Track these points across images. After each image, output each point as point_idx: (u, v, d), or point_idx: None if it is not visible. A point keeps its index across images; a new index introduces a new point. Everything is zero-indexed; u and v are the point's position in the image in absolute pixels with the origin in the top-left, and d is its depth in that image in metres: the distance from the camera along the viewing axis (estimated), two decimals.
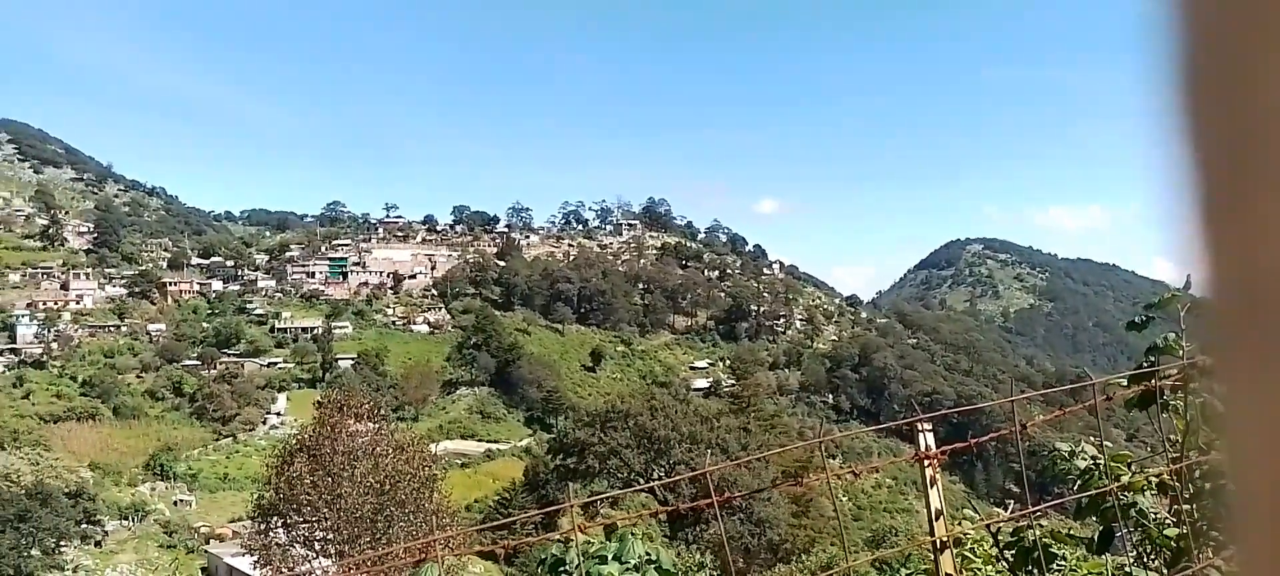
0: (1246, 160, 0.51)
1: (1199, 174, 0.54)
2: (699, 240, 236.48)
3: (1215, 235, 0.53)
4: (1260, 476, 0.53)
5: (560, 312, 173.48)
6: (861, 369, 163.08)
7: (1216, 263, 0.54)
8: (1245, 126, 0.51)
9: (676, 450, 53.92)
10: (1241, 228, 0.52)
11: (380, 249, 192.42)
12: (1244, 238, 0.52)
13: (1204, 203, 0.54)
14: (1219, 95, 0.52)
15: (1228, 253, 0.53)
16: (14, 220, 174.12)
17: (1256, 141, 0.50)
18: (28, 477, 51.25)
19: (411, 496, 27.35)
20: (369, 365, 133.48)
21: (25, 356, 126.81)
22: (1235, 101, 0.51)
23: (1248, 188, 0.51)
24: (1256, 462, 0.53)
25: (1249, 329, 0.53)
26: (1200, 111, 0.53)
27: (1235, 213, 0.52)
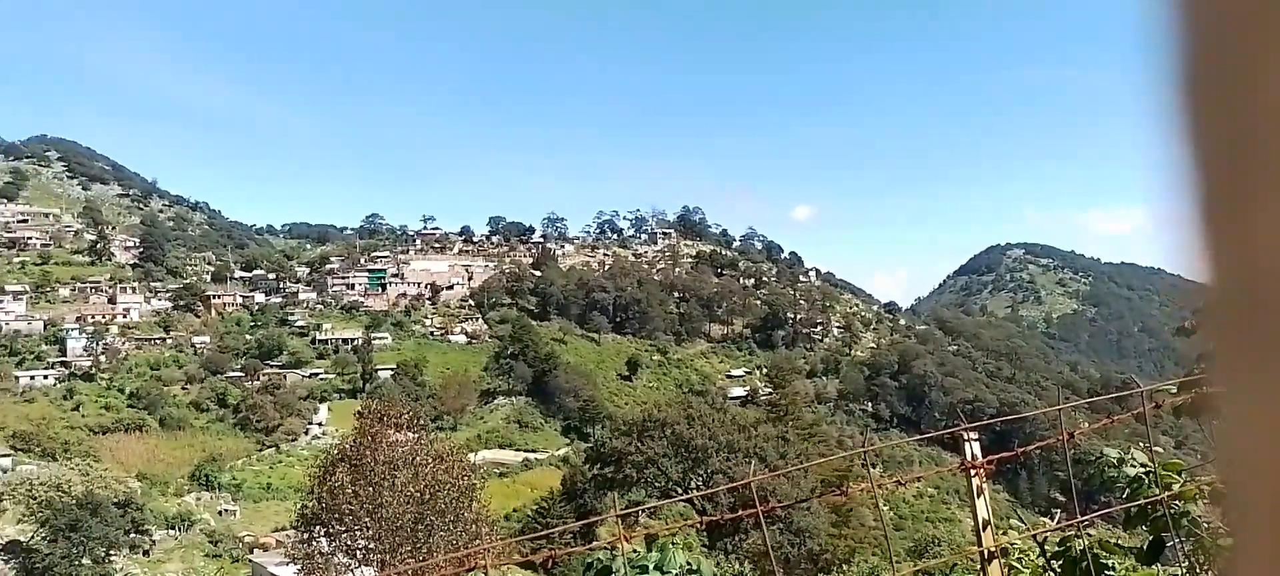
0: (1246, 160, 0.51)
1: (1199, 174, 0.53)
2: (734, 248, 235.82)
3: (1215, 235, 0.53)
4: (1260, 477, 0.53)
5: (596, 322, 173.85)
6: (901, 376, 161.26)
7: (1216, 262, 0.54)
8: (1245, 126, 0.51)
9: (714, 459, 53.69)
10: (1241, 228, 0.52)
11: (418, 260, 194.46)
12: (1244, 238, 0.52)
13: (1204, 202, 0.53)
14: (1219, 95, 0.52)
15: (1228, 252, 0.53)
16: (63, 236, 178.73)
17: (1256, 141, 0.50)
18: (78, 488, 52.30)
19: (451, 505, 27.54)
20: (408, 375, 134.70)
21: (75, 369, 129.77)
22: (1235, 101, 0.51)
23: (1248, 188, 0.51)
24: (1256, 463, 0.53)
25: (1249, 329, 0.53)
26: (1200, 111, 0.53)
27: (1235, 212, 0.52)
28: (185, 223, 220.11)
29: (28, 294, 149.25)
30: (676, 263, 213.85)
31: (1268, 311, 0.51)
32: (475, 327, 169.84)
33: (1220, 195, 0.53)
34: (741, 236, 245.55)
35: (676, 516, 56.40)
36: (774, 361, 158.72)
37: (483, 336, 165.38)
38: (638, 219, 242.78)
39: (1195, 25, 0.53)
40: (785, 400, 70.86)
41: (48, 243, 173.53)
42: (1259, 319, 0.52)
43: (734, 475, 51.26)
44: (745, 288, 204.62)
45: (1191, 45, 0.53)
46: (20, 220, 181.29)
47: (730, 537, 47.59)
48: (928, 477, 69.13)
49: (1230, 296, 0.53)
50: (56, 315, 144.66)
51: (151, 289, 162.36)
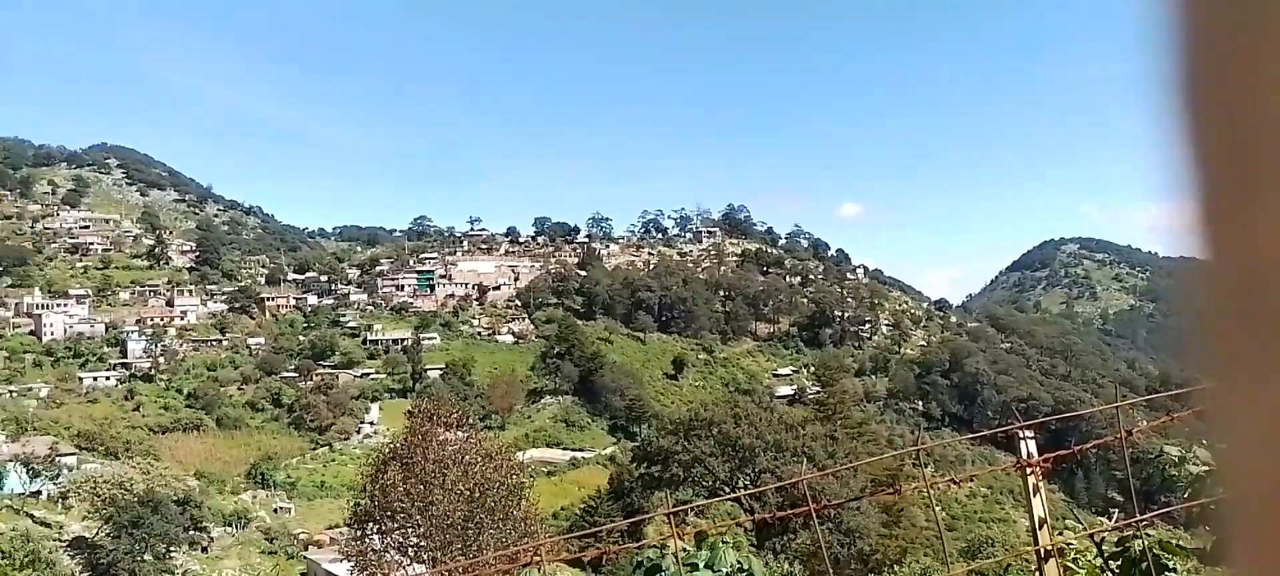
0: (1246, 160, 0.51)
1: (1199, 174, 0.54)
2: (780, 246, 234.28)
3: (1215, 235, 0.54)
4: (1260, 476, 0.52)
5: (641, 321, 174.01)
6: (952, 374, 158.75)
7: (1217, 262, 0.54)
8: (1245, 126, 0.51)
9: (762, 458, 53.40)
10: (1242, 227, 0.52)
11: (465, 261, 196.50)
12: (1244, 237, 0.52)
13: (1204, 202, 0.54)
14: (1219, 95, 0.52)
15: (1228, 252, 0.53)
16: (123, 241, 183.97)
17: (1256, 141, 0.50)
18: (139, 486, 53.67)
19: (500, 504, 27.78)
20: (457, 375, 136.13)
21: (135, 370, 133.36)
22: (1235, 101, 0.51)
23: (1248, 187, 0.51)
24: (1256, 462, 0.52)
25: (1249, 329, 0.53)
26: (1200, 111, 0.53)
27: (1235, 212, 0.52)
28: (240, 227, 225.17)
29: (90, 297, 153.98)
30: (722, 261, 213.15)
31: (1268, 311, 0.51)
32: (522, 327, 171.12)
33: (1220, 195, 0.53)
34: (787, 234, 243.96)
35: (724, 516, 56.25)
36: (821, 360, 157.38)
37: (529, 336, 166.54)
38: (682, 218, 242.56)
39: (1195, 25, 0.53)
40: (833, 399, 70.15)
41: (108, 247, 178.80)
42: (1259, 319, 0.52)
43: (782, 474, 50.93)
44: (791, 286, 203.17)
45: (1191, 45, 0.53)
46: (82, 226, 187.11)
47: (779, 537, 47.32)
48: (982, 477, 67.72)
49: (1230, 296, 0.53)
50: (117, 318, 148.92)
51: (208, 292, 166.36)
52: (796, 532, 48.12)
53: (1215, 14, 0.52)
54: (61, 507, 59.60)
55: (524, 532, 27.80)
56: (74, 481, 61.85)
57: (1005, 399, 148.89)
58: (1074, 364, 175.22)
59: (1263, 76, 0.50)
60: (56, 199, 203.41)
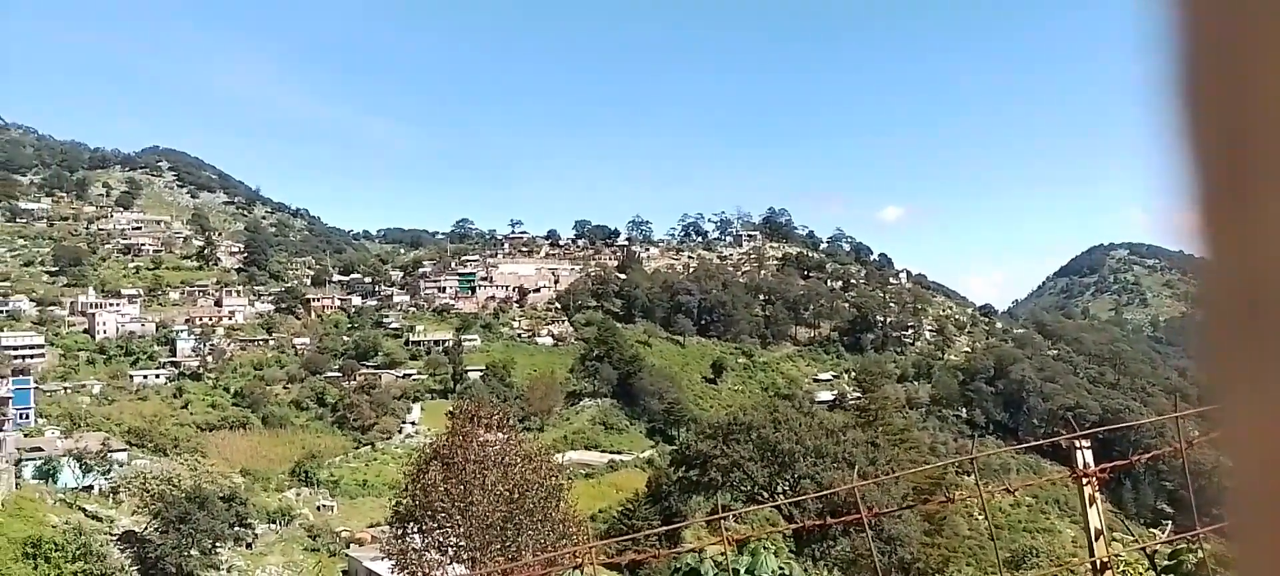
0: (1246, 160, 0.51)
1: (1199, 174, 0.54)
2: (821, 250, 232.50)
3: (1215, 235, 0.53)
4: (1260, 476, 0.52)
5: (681, 324, 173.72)
6: (997, 382, 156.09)
7: (1216, 262, 0.54)
8: (1245, 126, 0.51)
9: (801, 464, 52.94)
10: (1241, 228, 0.52)
11: (506, 263, 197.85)
12: (1244, 238, 0.52)
13: (1204, 203, 0.53)
14: (1219, 95, 0.52)
15: (1228, 252, 0.53)
16: (174, 242, 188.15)
17: (1256, 141, 0.50)
18: (187, 482, 54.83)
19: (539, 505, 27.86)
20: (497, 376, 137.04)
21: (184, 369, 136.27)
22: (1235, 101, 0.51)
23: (1248, 188, 0.51)
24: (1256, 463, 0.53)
25: (1249, 329, 0.53)
26: (1200, 111, 0.53)
27: (1235, 213, 0.52)
28: (286, 229, 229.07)
29: (141, 297, 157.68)
30: (762, 265, 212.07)
31: (1268, 311, 0.51)
32: (561, 330, 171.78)
33: (1220, 195, 0.53)
34: (828, 238, 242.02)
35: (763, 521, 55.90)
36: (863, 365, 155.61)
37: (568, 338, 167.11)
38: (722, 221, 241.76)
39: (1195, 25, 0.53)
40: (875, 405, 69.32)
41: (160, 248, 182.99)
42: (1259, 319, 0.52)
43: (822, 480, 50.47)
44: (833, 290, 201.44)
45: (1191, 45, 0.53)
46: (135, 227, 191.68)
47: (818, 543, 46.89)
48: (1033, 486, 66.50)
49: (1230, 296, 0.53)
50: (167, 317, 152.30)
51: (255, 292, 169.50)
52: (836, 539, 47.66)
53: (1215, 14, 0.52)
54: (112, 502, 60.98)
55: (562, 534, 27.84)
56: (124, 477, 63.34)
57: (1052, 407, 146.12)
58: (1123, 372, 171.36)
59: (1262, 76, 0.50)
60: (111, 200, 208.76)
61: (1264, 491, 0.52)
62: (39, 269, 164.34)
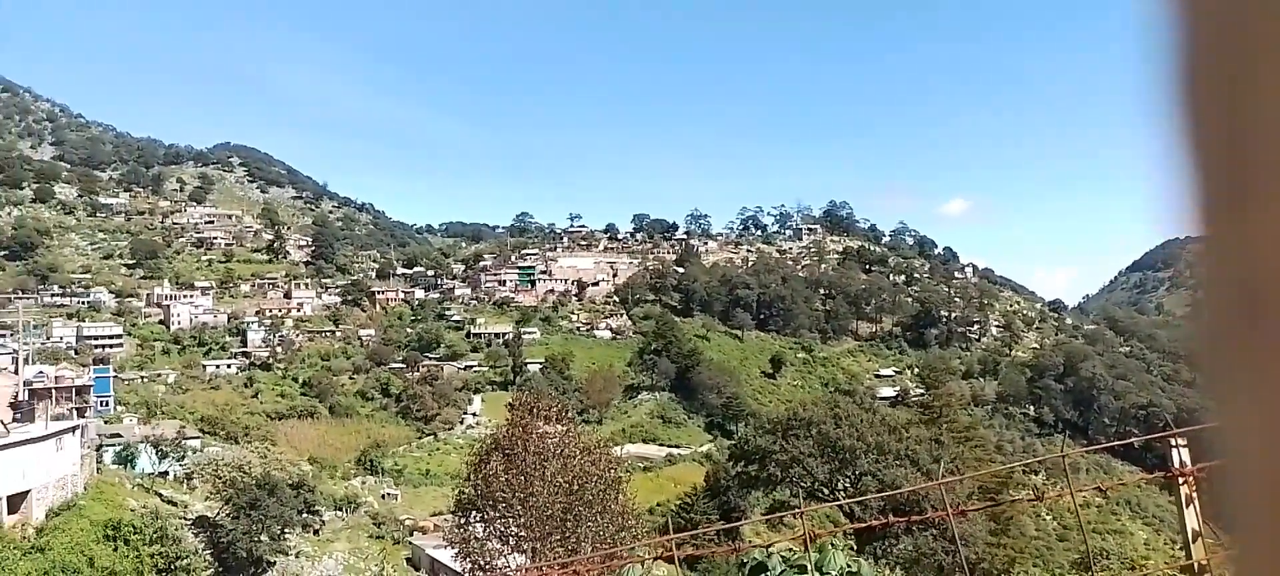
0: (1246, 160, 0.51)
1: (1199, 174, 0.54)
2: (883, 243, 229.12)
3: (1215, 235, 0.54)
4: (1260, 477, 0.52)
5: (739, 319, 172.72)
6: (1067, 379, 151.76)
7: (1216, 263, 0.54)
8: (1245, 126, 0.51)
9: (862, 460, 52.05)
10: (1241, 228, 0.52)
11: (565, 257, 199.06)
12: (1244, 238, 0.52)
13: (1204, 203, 0.54)
14: (1219, 95, 0.52)
15: (1227, 253, 0.53)
16: (244, 235, 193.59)
17: (1256, 141, 0.50)
18: (257, 469, 56.07)
19: (598, 497, 27.86)
20: (555, 369, 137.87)
21: (255, 359, 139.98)
22: (1235, 101, 0.51)
23: (1248, 188, 0.51)
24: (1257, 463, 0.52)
25: (1249, 330, 0.53)
26: (1200, 111, 0.53)
27: (1235, 213, 0.52)
28: (353, 223, 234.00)
29: (214, 289, 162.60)
30: (822, 259, 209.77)
31: (1268, 311, 0.51)
32: (620, 323, 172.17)
33: (1220, 196, 0.53)
34: (891, 232, 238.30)
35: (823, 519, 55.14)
36: (926, 361, 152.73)
37: (627, 332, 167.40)
38: (782, 215, 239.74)
39: (1195, 25, 0.53)
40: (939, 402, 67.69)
41: (231, 242, 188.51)
42: (1259, 319, 0.52)
43: (884, 478, 49.58)
44: (895, 284, 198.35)
45: (1191, 45, 0.53)
46: (207, 221, 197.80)
47: (880, 542, 46.11)
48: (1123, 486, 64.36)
49: (1230, 297, 0.53)
50: (238, 309, 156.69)
51: (322, 285, 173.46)
52: (898, 538, 46.77)
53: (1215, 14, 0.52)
54: (186, 488, 62.89)
55: (621, 527, 27.81)
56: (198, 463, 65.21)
57: (1124, 405, 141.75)
58: None
59: (1263, 76, 0.49)
60: (185, 196, 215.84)
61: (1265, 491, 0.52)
62: (117, 261, 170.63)
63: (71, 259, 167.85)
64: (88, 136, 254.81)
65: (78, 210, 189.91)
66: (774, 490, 59.96)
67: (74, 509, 47.11)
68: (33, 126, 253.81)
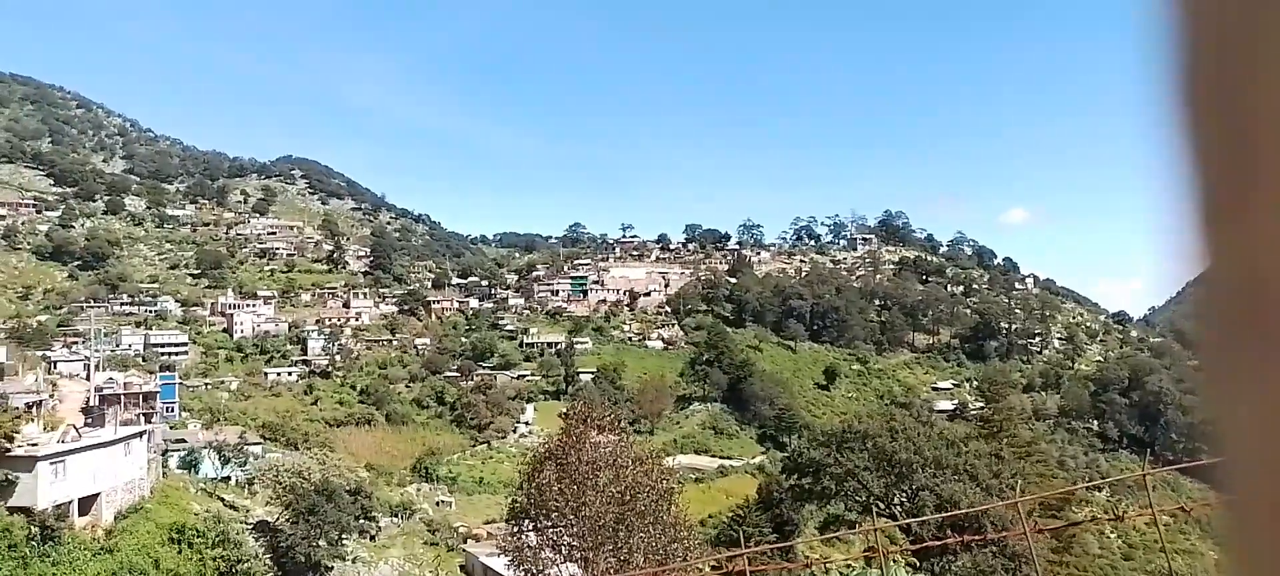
0: (1246, 160, 0.51)
1: (1199, 175, 0.54)
2: (940, 254, 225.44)
3: (1215, 236, 0.54)
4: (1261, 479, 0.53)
5: (792, 330, 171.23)
6: (1132, 393, 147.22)
7: (1216, 264, 0.54)
8: (1245, 126, 0.51)
9: (919, 475, 51.03)
10: (1241, 229, 0.52)
11: (617, 267, 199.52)
12: (1244, 239, 0.52)
13: (1204, 204, 0.54)
14: (1219, 95, 0.52)
15: (1228, 254, 0.53)
16: (306, 246, 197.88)
17: (1257, 141, 0.51)
18: (316, 475, 56.90)
19: (650, 508, 27.68)
20: (608, 379, 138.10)
21: (314, 367, 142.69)
22: (1235, 101, 0.51)
23: (1248, 187, 0.51)
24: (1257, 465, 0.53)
25: (1249, 331, 0.53)
26: (1200, 111, 0.53)
27: (1235, 214, 0.52)
28: (409, 234, 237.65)
29: (275, 298, 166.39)
30: (878, 269, 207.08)
31: (1268, 311, 0.51)
32: (671, 334, 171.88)
33: (1220, 196, 0.53)
34: (949, 241, 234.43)
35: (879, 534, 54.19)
36: (986, 374, 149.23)
37: (679, 342, 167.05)
38: (836, 225, 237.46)
39: (1195, 25, 0.53)
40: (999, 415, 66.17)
41: (292, 252, 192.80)
42: (1259, 319, 0.52)
43: (941, 492, 48.55)
44: (953, 295, 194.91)
45: (1191, 45, 0.53)
46: (270, 232, 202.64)
47: (937, 558, 45.12)
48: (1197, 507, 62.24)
49: (1230, 298, 0.54)
50: (299, 318, 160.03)
51: (380, 294, 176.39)
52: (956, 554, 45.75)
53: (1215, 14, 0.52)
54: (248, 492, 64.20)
55: (673, 538, 27.58)
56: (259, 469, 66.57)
57: (1192, 420, 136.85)
58: None
59: (1263, 76, 0.50)
60: (248, 207, 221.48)
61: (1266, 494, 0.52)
62: (184, 271, 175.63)
63: (140, 268, 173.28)
64: (156, 150, 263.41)
65: (146, 221, 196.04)
66: (828, 504, 59.12)
67: (141, 511, 48.46)
68: (105, 141, 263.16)
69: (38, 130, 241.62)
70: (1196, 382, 0.55)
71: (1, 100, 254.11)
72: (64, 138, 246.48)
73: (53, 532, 41.80)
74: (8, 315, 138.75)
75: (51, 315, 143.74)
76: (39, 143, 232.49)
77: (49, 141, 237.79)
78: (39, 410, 51.25)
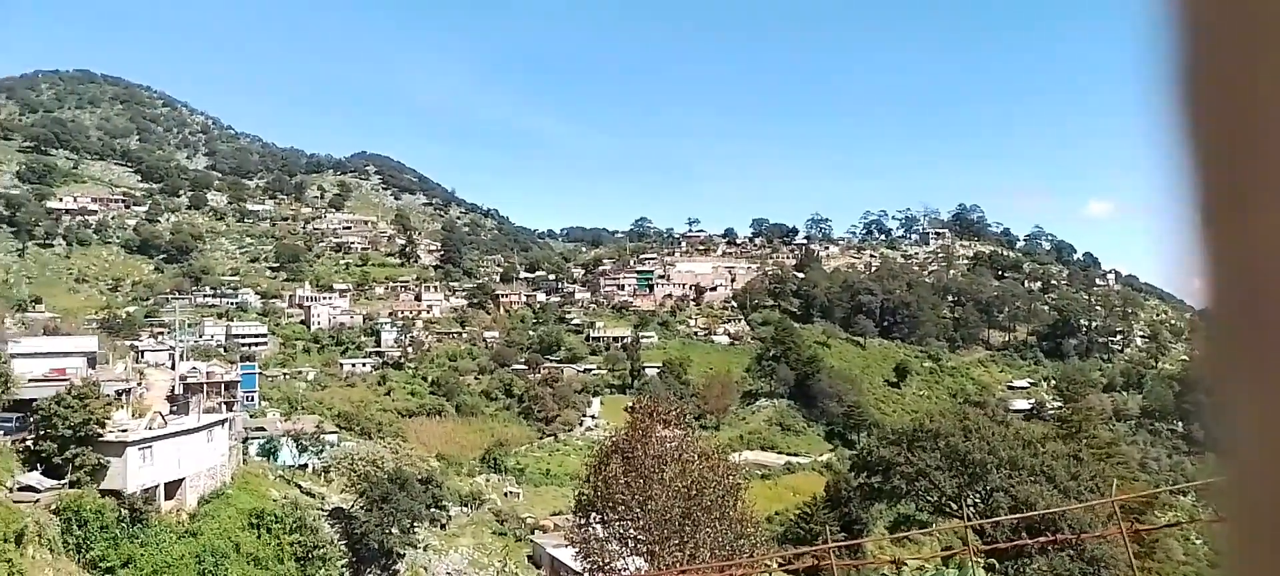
0: (1246, 160, 0.51)
1: (1199, 176, 0.54)
2: (1017, 248, 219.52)
3: (1215, 238, 0.54)
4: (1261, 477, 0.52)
5: (861, 325, 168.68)
6: None
7: (1217, 266, 0.54)
8: (1245, 126, 0.51)
9: (994, 475, 49.73)
10: (1242, 230, 0.52)
11: (683, 262, 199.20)
12: (1244, 241, 0.52)
13: (1204, 205, 0.54)
14: (1219, 95, 0.52)
15: (1228, 256, 0.53)
16: (379, 240, 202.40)
17: (1256, 141, 0.51)
18: (389, 464, 58.06)
19: (716, 503, 27.53)
20: (673, 374, 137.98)
21: (387, 358, 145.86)
22: (1235, 101, 0.51)
23: (1248, 188, 0.51)
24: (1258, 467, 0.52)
25: (1250, 333, 0.53)
26: (1200, 111, 0.53)
27: (1235, 215, 0.52)
28: (479, 228, 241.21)
29: (350, 291, 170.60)
30: (951, 264, 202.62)
31: (1268, 312, 0.51)
32: (737, 329, 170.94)
33: (1220, 198, 0.53)
34: (1026, 236, 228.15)
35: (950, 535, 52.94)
36: (1064, 372, 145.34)
37: (745, 337, 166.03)
38: (908, 218, 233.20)
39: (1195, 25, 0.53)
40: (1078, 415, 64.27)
41: (366, 246, 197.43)
42: (1259, 320, 0.52)
43: (1016, 494, 47.24)
44: (1031, 291, 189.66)
45: (1191, 45, 0.53)
46: (345, 227, 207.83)
47: (1012, 561, 43.91)
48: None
49: (1231, 300, 0.53)
50: (373, 310, 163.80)
51: (450, 288, 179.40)
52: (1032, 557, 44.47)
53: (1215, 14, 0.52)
54: (324, 480, 65.86)
55: (739, 534, 27.38)
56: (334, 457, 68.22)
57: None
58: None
59: (1263, 76, 0.50)
60: (324, 202, 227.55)
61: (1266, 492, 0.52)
62: (263, 264, 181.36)
63: (222, 262, 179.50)
64: (237, 147, 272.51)
65: (228, 216, 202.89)
66: (898, 503, 58.11)
67: (222, 497, 50.16)
68: (189, 138, 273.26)
69: (127, 128, 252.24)
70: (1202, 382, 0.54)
71: (94, 100, 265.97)
72: (151, 135, 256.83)
73: (141, 515, 43.54)
74: (99, 306, 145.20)
75: (139, 306, 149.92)
76: (128, 140, 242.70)
77: (137, 139, 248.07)
78: (128, 398, 53.40)
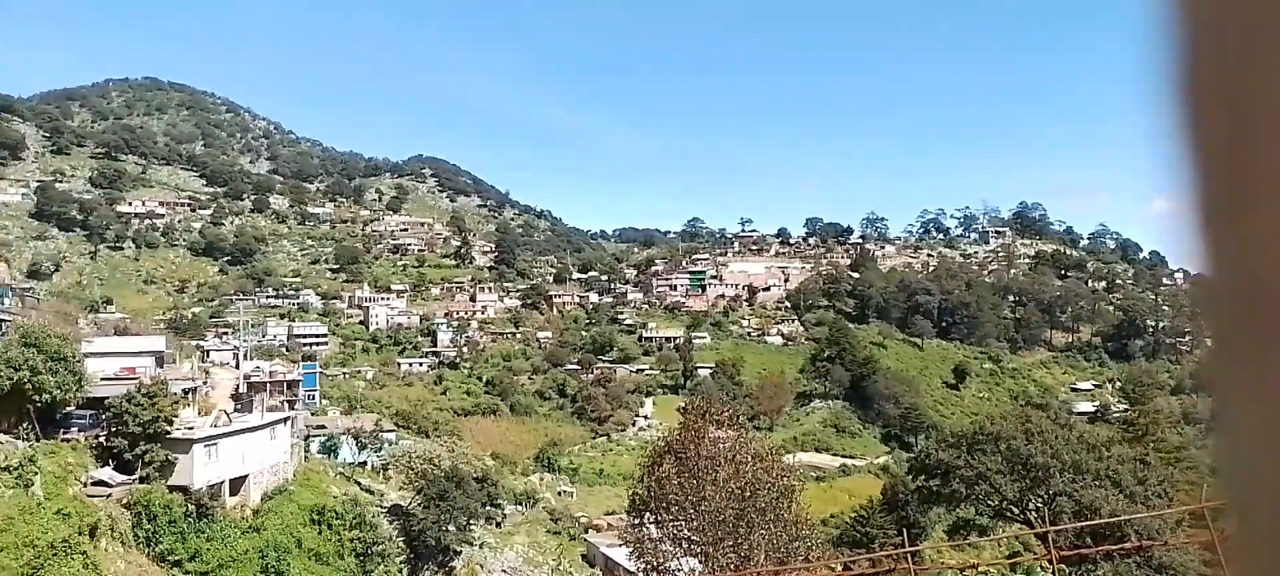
0: (1246, 160, 0.51)
1: (1199, 175, 0.54)
2: (1081, 247, 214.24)
3: (1216, 237, 0.54)
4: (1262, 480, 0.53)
5: (918, 326, 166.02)
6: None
7: (1217, 265, 0.54)
8: (1245, 126, 0.51)
9: (1057, 480, 48.41)
10: (1242, 230, 0.52)
11: (736, 262, 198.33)
12: (1245, 240, 0.52)
13: (1204, 204, 0.54)
14: (1219, 95, 0.52)
15: (1228, 255, 0.53)
16: (435, 242, 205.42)
17: (1256, 141, 0.51)
18: (446, 462, 58.84)
19: (771, 504, 27.30)
20: (726, 374, 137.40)
21: (443, 358, 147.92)
22: (1235, 101, 0.51)
23: (1248, 187, 0.52)
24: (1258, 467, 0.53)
25: (1250, 332, 0.53)
26: (1200, 111, 0.53)
27: (1236, 214, 0.53)
28: (532, 229, 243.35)
29: (407, 292, 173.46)
30: (1012, 264, 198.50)
31: (1268, 311, 0.51)
32: (791, 329, 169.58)
33: (1220, 197, 0.53)
34: (1090, 234, 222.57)
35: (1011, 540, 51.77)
36: (1130, 374, 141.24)
37: (798, 338, 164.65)
38: (967, 217, 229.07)
39: (1195, 25, 0.53)
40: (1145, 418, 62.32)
41: (423, 248, 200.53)
42: (1259, 319, 0.52)
43: (1080, 498, 45.97)
44: (1095, 291, 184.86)
45: (1191, 45, 0.53)
46: (402, 229, 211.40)
47: (1076, 567, 42.74)
48: None
49: (1231, 299, 0.53)
50: (429, 311, 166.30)
51: (504, 289, 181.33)
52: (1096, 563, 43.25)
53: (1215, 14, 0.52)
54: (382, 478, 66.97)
55: (794, 536, 27.12)
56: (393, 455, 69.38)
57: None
58: None
59: (1263, 77, 0.50)
60: (382, 205, 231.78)
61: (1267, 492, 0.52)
62: (323, 266, 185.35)
63: (284, 263, 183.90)
64: (298, 152, 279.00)
65: (289, 219, 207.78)
66: (957, 507, 56.98)
67: (285, 493, 51.31)
68: (251, 143, 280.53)
69: (192, 134, 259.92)
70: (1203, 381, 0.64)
71: (160, 106, 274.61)
72: (215, 140, 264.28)
73: (207, 510, 44.78)
74: (166, 307, 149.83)
75: (204, 307, 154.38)
76: (193, 145, 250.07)
77: (201, 144, 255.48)
78: (194, 396, 54.97)
